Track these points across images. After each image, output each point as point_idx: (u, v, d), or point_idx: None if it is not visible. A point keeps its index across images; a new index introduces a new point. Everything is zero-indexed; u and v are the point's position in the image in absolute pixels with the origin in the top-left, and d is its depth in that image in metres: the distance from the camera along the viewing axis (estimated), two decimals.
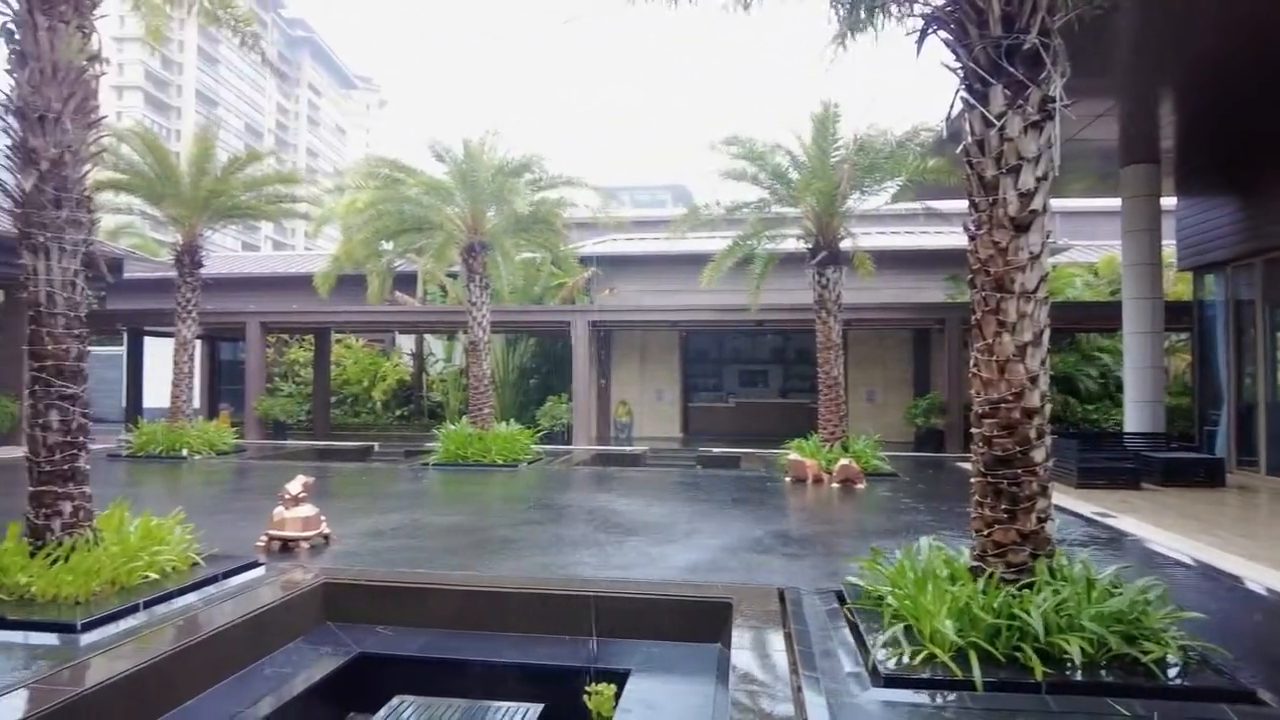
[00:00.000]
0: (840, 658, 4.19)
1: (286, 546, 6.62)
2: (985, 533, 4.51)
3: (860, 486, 10.93)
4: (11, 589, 4.93)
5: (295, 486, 6.85)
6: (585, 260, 20.20)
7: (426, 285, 22.54)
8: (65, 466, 5.43)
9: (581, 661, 4.90)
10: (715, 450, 16.13)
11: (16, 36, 5.51)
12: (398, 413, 23.00)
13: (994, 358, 4.51)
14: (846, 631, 4.57)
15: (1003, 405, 4.46)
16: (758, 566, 6.23)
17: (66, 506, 5.42)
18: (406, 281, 22.14)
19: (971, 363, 4.71)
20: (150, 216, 17.72)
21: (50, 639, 4.43)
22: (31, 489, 5.41)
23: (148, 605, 4.90)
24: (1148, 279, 12.79)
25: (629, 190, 38.42)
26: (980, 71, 4.52)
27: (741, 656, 4.24)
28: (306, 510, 6.80)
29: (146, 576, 5.25)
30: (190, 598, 5.16)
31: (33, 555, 5.17)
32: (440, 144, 14.42)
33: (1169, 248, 14.37)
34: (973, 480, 4.69)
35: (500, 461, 13.09)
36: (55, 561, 5.09)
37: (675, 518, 8.54)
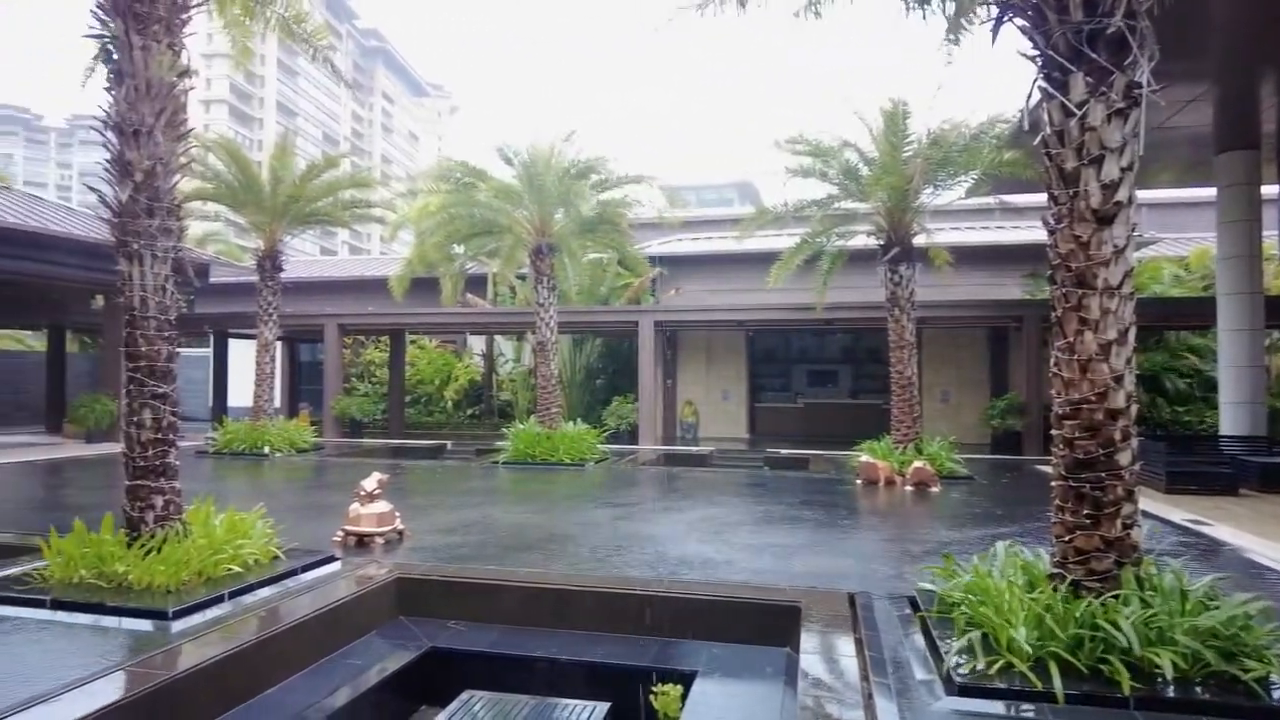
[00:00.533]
0: (912, 665, 4.08)
1: (362, 542, 6.82)
2: (1066, 539, 4.32)
3: (935, 490, 10.64)
4: (110, 577, 5.21)
5: (370, 484, 7.04)
6: (651, 260, 20.25)
7: (496, 287, 22.94)
8: (157, 462, 5.71)
9: (647, 661, 4.90)
10: (783, 451, 15.95)
11: (115, 56, 5.82)
12: (468, 412, 23.46)
13: (1076, 356, 4.32)
14: (919, 638, 4.45)
15: (1085, 406, 4.27)
16: (827, 569, 6.13)
17: (159, 500, 5.70)
18: (477, 283, 22.58)
19: (1052, 362, 4.52)
20: (234, 223, 18.50)
21: (145, 625, 4.66)
22: (127, 483, 5.71)
23: (232, 596, 5.12)
24: (1246, 272, 12.08)
25: (694, 189, 38.28)
26: (1059, 59, 4.33)
27: (810, 661, 4.17)
28: (381, 506, 6.99)
29: (231, 569, 5.48)
30: (271, 590, 5.36)
31: (129, 546, 5.45)
32: (508, 147, 14.66)
33: (1269, 239, 13.54)
34: (1053, 484, 4.50)
35: (567, 461, 13.23)
36: (149, 552, 5.36)
37: (743, 519, 8.47)
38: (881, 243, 12.71)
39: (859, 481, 11.19)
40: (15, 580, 5.31)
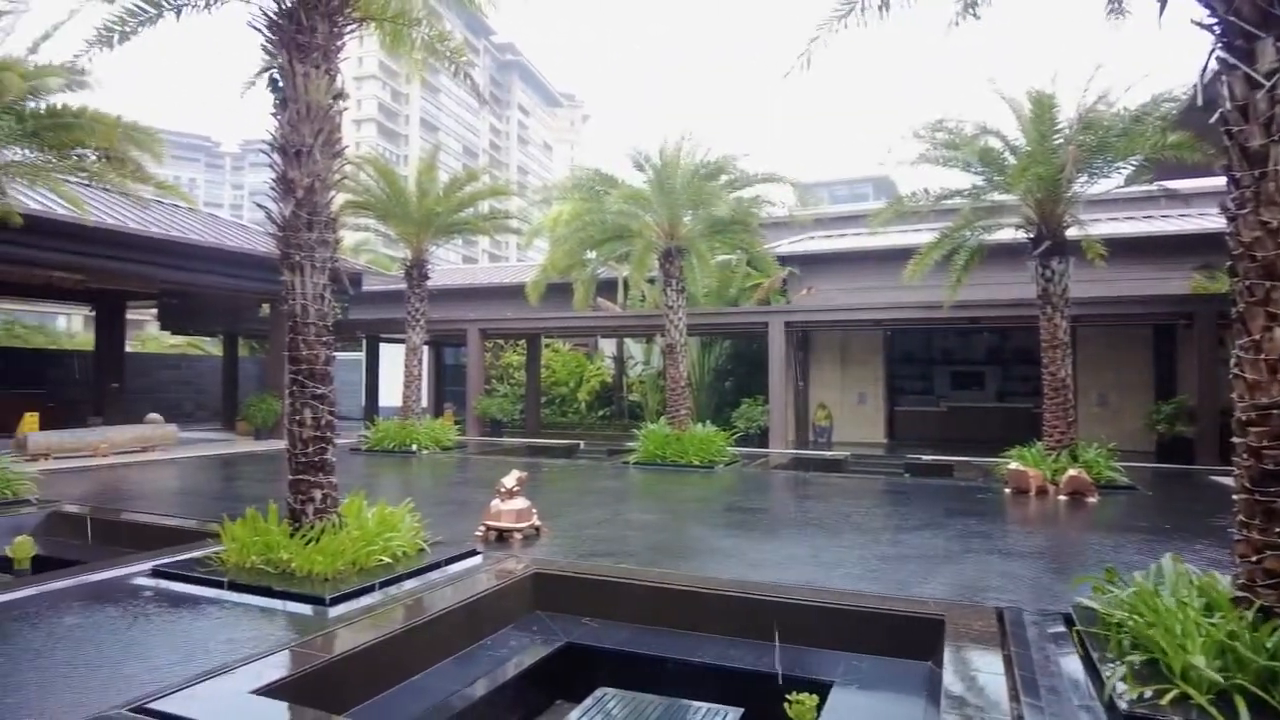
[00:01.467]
0: (1067, 688, 3.78)
1: (501, 536, 7.07)
2: (1254, 559, 3.88)
3: (1092, 500, 9.87)
4: (276, 563, 5.65)
5: (510, 480, 7.30)
6: (782, 260, 19.90)
7: (627, 291, 23.29)
8: (316, 459, 6.16)
9: (780, 668, 4.80)
10: (924, 457, 15.26)
11: (280, 84, 6.33)
12: (600, 413, 23.93)
13: (1263, 356, 3.88)
14: (1075, 659, 4.12)
15: (1274, 411, 3.82)
16: (973, 582, 5.80)
17: (317, 494, 6.14)
18: (609, 288, 23.00)
19: (1232, 362, 4.08)
20: (384, 234, 19.72)
21: (305, 609, 5.03)
22: (290, 477, 6.18)
23: (382, 585, 5.43)
24: None
25: (827, 186, 37.34)
26: (1243, 24, 3.91)
27: (954, 678, 3.96)
28: (520, 503, 7.23)
29: (381, 559, 5.81)
30: (417, 581, 5.65)
31: (291, 535, 5.90)
32: (639, 153, 14.83)
33: None
34: (1236, 497, 4.06)
35: (697, 462, 13.22)
36: (309, 542, 5.77)
37: (883, 526, 8.18)
38: (1031, 236, 11.94)
39: (1008, 490, 10.55)
40: (198, 562, 5.86)
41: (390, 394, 21.67)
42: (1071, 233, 12.05)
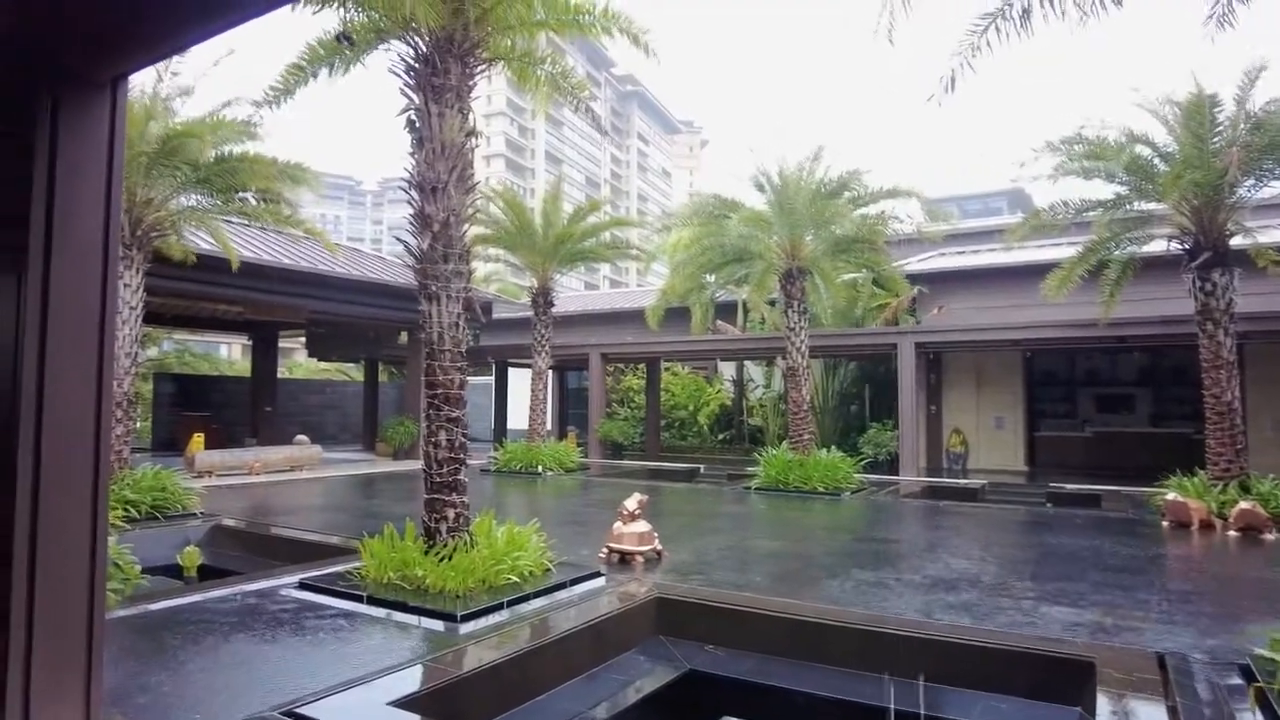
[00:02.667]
0: None
1: (623, 559, 7.12)
2: None
3: (1269, 537, 8.91)
4: (411, 579, 5.91)
5: (632, 504, 7.35)
6: (910, 278, 19.22)
7: (747, 313, 23.14)
8: (450, 479, 6.42)
9: (912, 706, 4.57)
10: (1068, 486, 14.24)
11: (417, 126, 6.72)
12: (720, 437, 23.78)
13: None
14: (1255, 718, 3.70)
15: None
16: (1128, 622, 5.34)
17: (451, 513, 6.39)
18: (727, 310, 22.93)
19: None
20: (512, 264, 20.49)
21: (437, 625, 5.22)
22: (425, 496, 6.47)
23: (510, 604, 5.57)
24: None
25: (957, 200, 35.87)
26: None
27: None
28: (641, 526, 7.27)
29: (509, 578, 5.97)
30: (543, 601, 5.76)
31: (425, 552, 6.16)
32: (761, 173, 14.77)
33: None
34: None
35: (821, 489, 12.87)
36: (442, 560, 6.01)
37: (1025, 558, 7.69)
38: (1187, 247, 11.03)
39: (1165, 523, 9.69)
40: (340, 577, 6.21)
41: (517, 417, 22.40)
42: (1236, 241, 11.04)
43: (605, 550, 7.24)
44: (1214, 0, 5.68)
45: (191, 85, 10.74)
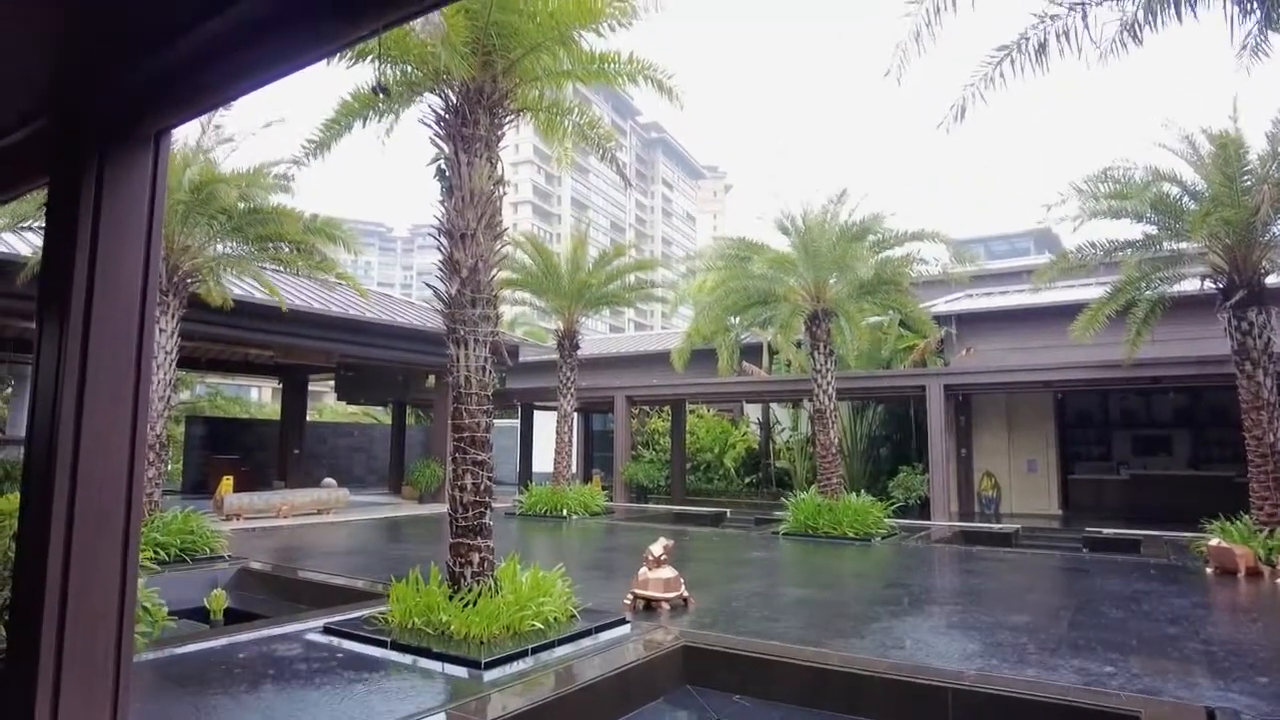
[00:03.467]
0: None
1: (649, 606, 7.01)
2: None
3: None
4: (435, 625, 5.86)
5: (657, 549, 7.27)
6: (938, 319, 19.09)
7: (772, 355, 23.07)
8: (475, 522, 6.40)
9: None
10: (1105, 531, 13.88)
11: (447, 174, 6.87)
12: (746, 480, 23.55)
13: None
14: None
15: None
16: (1178, 676, 5.14)
17: (475, 557, 6.36)
18: (753, 352, 22.88)
19: None
20: (538, 307, 20.69)
21: (461, 672, 5.16)
22: (450, 540, 6.45)
23: (534, 651, 5.49)
24: None
25: (983, 241, 35.70)
26: None
27: None
28: (667, 572, 7.17)
29: (534, 625, 5.90)
30: (568, 648, 5.68)
31: (450, 597, 6.12)
32: (784, 216, 14.84)
33: None
34: None
35: (851, 534, 12.65)
36: (466, 605, 5.96)
37: (1064, 604, 7.46)
38: (1221, 286, 10.86)
39: (1209, 570, 9.38)
40: (365, 621, 6.17)
41: (543, 460, 22.37)
42: (1272, 280, 10.86)
43: (631, 596, 7.15)
44: (1245, 30, 5.67)
45: (233, 134, 11.09)
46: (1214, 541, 9.63)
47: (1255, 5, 5.29)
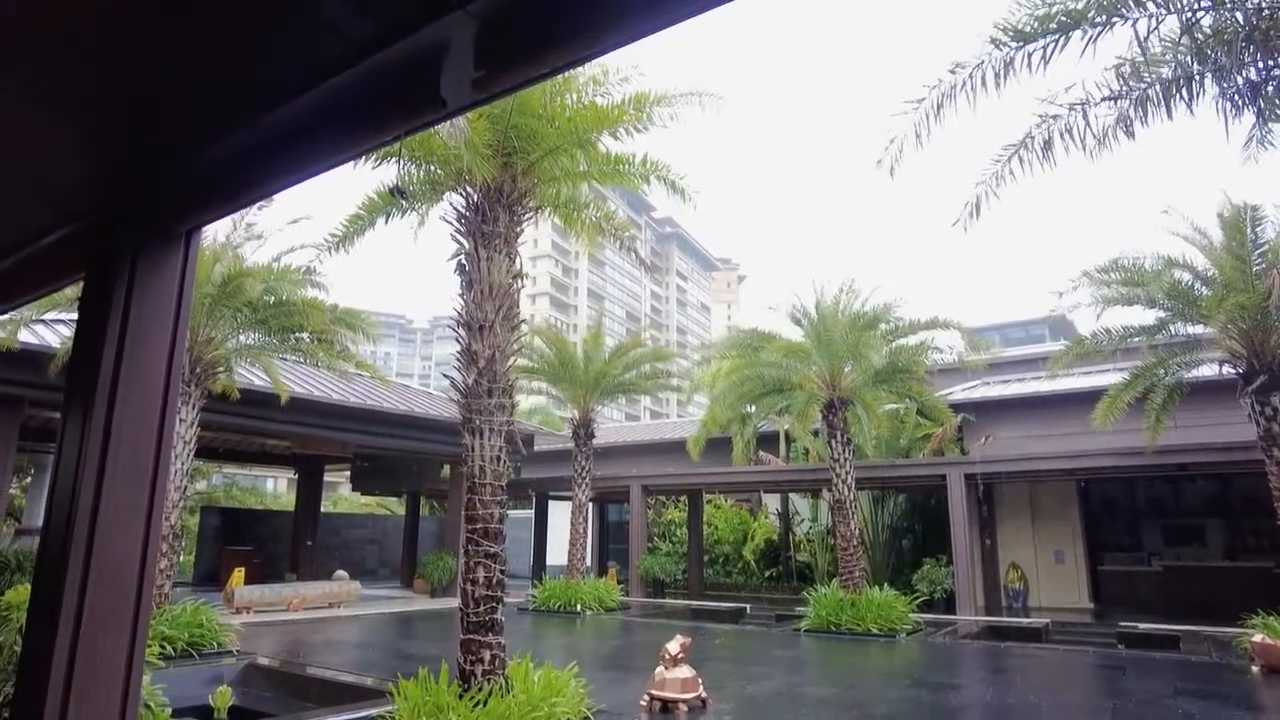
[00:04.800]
0: None
1: (666, 707, 6.75)
2: None
3: None
4: None
5: (674, 647, 7.05)
6: (955, 407, 18.94)
7: (790, 444, 22.87)
8: (487, 618, 6.26)
9: None
10: (1140, 626, 13.32)
11: (466, 268, 7.05)
12: (766, 574, 22.96)
13: None
14: None
15: None
16: None
17: (486, 654, 6.19)
18: (769, 441, 22.72)
19: None
20: (554, 396, 20.77)
21: None
22: (461, 637, 6.30)
23: None
24: None
25: (998, 329, 35.77)
26: None
27: None
28: (685, 672, 6.93)
29: None
30: None
31: (460, 696, 5.92)
32: (797, 308, 15.01)
33: None
34: None
35: (875, 630, 12.22)
36: (476, 705, 5.76)
37: (1101, 707, 7.10)
38: (1241, 371, 10.77)
39: (1255, 668, 8.94)
40: None
41: (557, 552, 21.99)
42: None
43: (647, 697, 6.89)
44: (1250, 123, 5.83)
45: (262, 231, 11.48)
46: (1258, 638, 9.21)
47: (1246, 103, 5.45)
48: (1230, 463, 13.96)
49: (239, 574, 15.80)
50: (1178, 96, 6.24)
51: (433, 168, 7.19)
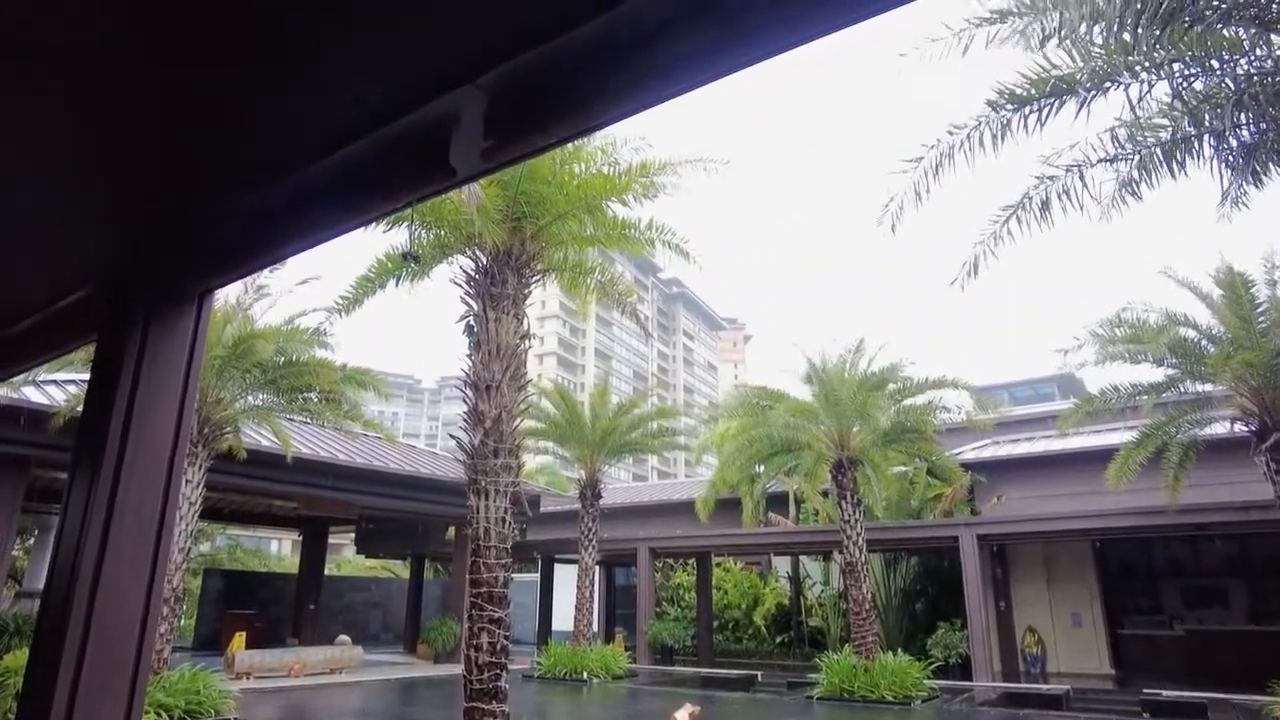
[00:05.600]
0: None
1: None
2: None
3: None
4: None
5: (683, 715, 6.87)
6: (965, 467, 18.75)
7: (800, 505, 22.61)
8: (490, 685, 6.12)
9: None
10: (1164, 694, 12.89)
11: (475, 329, 7.12)
12: (778, 639, 22.43)
13: None
14: None
15: None
16: None
17: None
18: (779, 502, 22.46)
19: None
20: (561, 456, 20.67)
21: None
22: (465, 705, 6.14)
23: None
24: None
25: (1006, 387, 35.60)
26: None
27: None
28: None
29: None
30: None
31: None
32: (808, 367, 15.02)
33: None
34: None
35: (890, 698, 11.88)
36: None
37: None
38: (1254, 429, 10.66)
39: None
40: None
41: (562, 617, 21.55)
42: None
43: None
44: (1225, 183, 5.94)
45: (271, 291, 11.63)
46: None
47: (1241, 164, 5.55)
48: (1249, 522, 13.71)
49: (240, 638, 15.53)
50: (1176, 158, 6.35)
51: (442, 232, 7.32)
